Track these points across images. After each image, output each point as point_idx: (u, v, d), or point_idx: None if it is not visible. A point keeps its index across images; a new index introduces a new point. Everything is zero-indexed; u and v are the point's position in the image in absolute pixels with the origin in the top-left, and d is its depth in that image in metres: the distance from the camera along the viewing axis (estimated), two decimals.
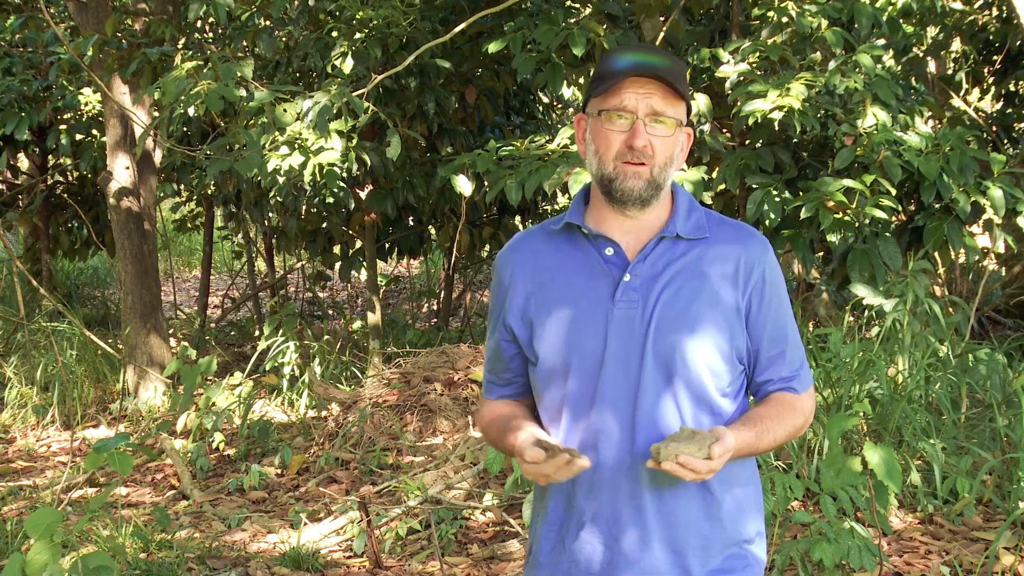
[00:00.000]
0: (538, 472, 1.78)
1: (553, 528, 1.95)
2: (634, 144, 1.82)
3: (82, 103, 8.74)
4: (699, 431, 1.77)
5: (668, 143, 1.85)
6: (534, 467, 1.78)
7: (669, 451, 1.72)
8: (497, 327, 2.01)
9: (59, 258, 10.13)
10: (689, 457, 1.72)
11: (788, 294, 2.01)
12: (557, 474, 1.77)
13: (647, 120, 1.83)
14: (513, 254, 2.00)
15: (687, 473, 1.73)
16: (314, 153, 5.74)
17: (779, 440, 1.92)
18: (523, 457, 1.80)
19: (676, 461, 1.72)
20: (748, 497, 1.95)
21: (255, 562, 4.31)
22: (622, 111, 1.83)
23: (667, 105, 1.83)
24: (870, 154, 4.97)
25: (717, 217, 1.96)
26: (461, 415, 5.91)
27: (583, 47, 5.34)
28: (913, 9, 6.39)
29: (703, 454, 1.73)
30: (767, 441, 1.89)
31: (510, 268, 1.99)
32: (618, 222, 1.91)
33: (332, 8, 6.66)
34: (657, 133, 1.84)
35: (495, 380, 2.06)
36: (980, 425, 4.84)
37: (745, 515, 1.93)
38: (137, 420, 6.75)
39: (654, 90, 1.82)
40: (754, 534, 1.95)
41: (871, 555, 3.41)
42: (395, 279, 10.82)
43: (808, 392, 1.98)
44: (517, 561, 4.20)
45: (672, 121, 1.84)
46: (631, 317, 1.86)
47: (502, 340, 2.00)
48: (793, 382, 1.95)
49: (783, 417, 1.92)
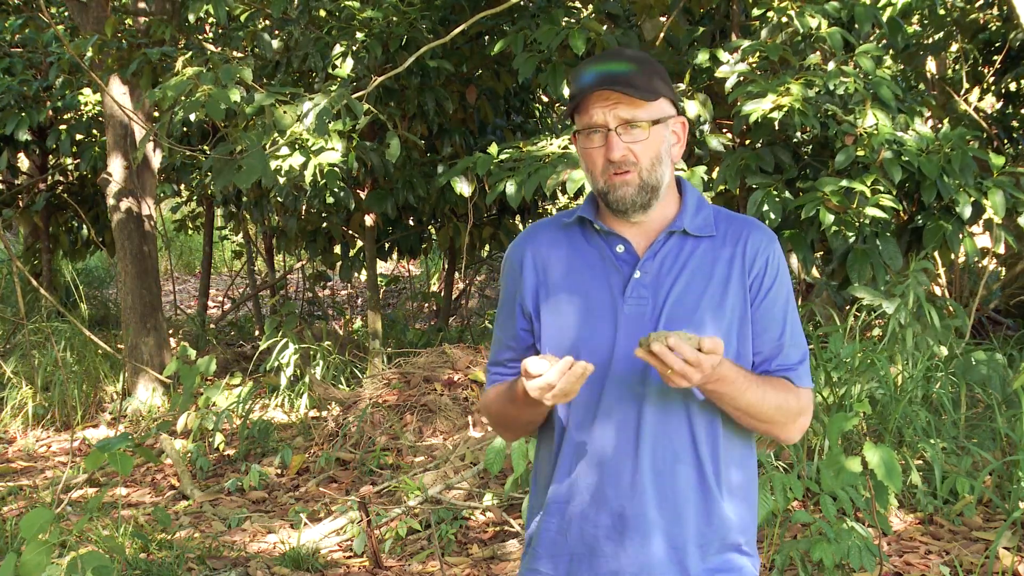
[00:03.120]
0: (544, 384, 1.75)
1: (553, 520, 1.95)
2: (611, 157, 1.85)
3: (82, 103, 8.74)
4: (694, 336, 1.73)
5: (649, 144, 1.86)
6: (540, 381, 1.75)
7: (659, 335, 1.69)
8: (514, 315, 2.00)
9: (59, 258, 10.13)
10: (679, 341, 1.68)
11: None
12: (563, 382, 1.74)
13: (620, 129, 1.84)
14: (526, 245, 2.01)
15: (674, 360, 1.68)
16: (315, 153, 5.75)
17: (767, 404, 1.86)
18: (527, 373, 1.77)
19: (666, 343, 1.68)
20: (746, 502, 1.95)
21: (255, 562, 4.31)
22: (594, 127, 1.85)
23: (636, 109, 1.84)
24: (870, 154, 4.97)
25: (725, 213, 1.96)
26: (461, 415, 5.91)
27: (584, 47, 5.34)
28: (913, 9, 6.39)
29: (693, 343, 1.69)
30: (755, 394, 1.83)
31: (520, 256, 2.00)
32: (626, 224, 1.93)
33: (332, 8, 6.66)
34: (634, 138, 1.85)
35: (503, 371, 2.04)
36: (980, 425, 4.84)
37: (741, 519, 1.93)
38: (137, 420, 6.76)
39: (619, 99, 1.84)
40: (751, 539, 1.96)
41: (871, 555, 3.41)
42: (395, 279, 10.83)
43: (806, 389, 1.95)
44: (517, 561, 4.20)
45: (646, 123, 1.85)
46: (641, 314, 1.87)
47: (520, 329, 1.99)
48: (790, 373, 1.92)
49: (778, 387, 1.88)
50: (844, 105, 5.19)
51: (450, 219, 7.69)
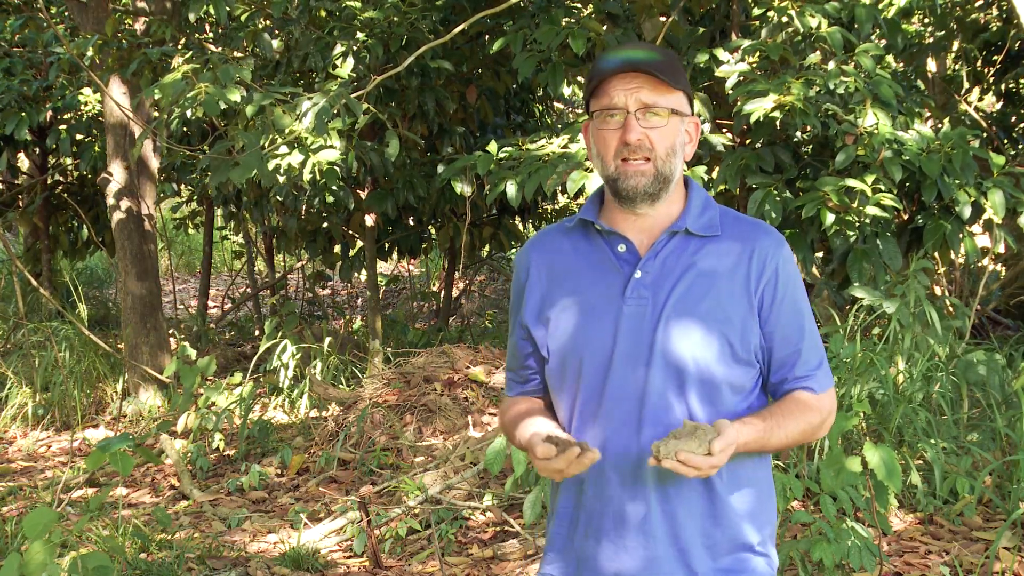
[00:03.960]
0: (550, 468, 1.77)
1: (563, 524, 1.96)
2: (628, 139, 1.82)
3: (82, 103, 8.74)
4: (701, 425, 1.74)
5: (666, 133, 1.84)
6: (546, 463, 1.77)
7: (669, 448, 1.70)
8: (515, 326, 2.02)
9: (59, 258, 10.13)
10: (689, 454, 1.69)
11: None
12: (569, 469, 1.75)
13: (639, 114, 1.82)
14: (531, 253, 2.01)
15: (688, 470, 1.70)
16: (313, 152, 5.74)
17: (792, 437, 1.87)
18: (534, 453, 1.79)
19: (676, 459, 1.70)
20: (759, 499, 1.92)
21: (255, 562, 4.31)
22: (613, 108, 1.83)
23: (658, 95, 1.83)
24: (871, 153, 4.97)
25: (733, 214, 1.94)
26: (461, 415, 5.90)
27: (583, 46, 5.34)
28: (913, 9, 6.39)
29: (703, 450, 1.70)
30: (778, 438, 1.85)
31: (526, 266, 2.00)
32: (630, 220, 1.90)
33: (332, 8, 6.66)
34: (652, 124, 1.83)
35: (515, 377, 2.07)
36: (980, 425, 4.84)
37: (754, 517, 1.91)
38: (137, 420, 6.76)
39: (642, 83, 1.82)
40: (765, 538, 1.93)
41: (871, 555, 3.41)
42: (395, 279, 10.83)
43: (828, 393, 1.94)
44: (517, 561, 4.20)
45: (665, 110, 1.83)
46: (641, 314, 1.85)
47: (519, 339, 2.01)
48: (809, 381, 1.91)
49: (796, 414, 1.88)
50: (844, 105, 5.19)
51: (450, 219, 7.69)
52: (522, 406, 2.03)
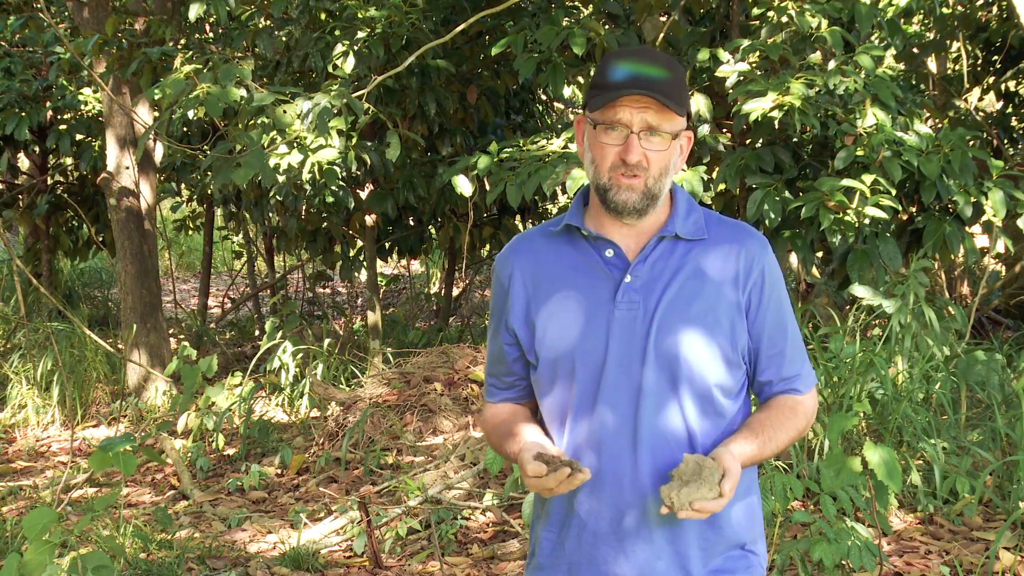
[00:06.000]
0: (540, 485, 1.78)
1: (553, 530, 1.96)
2: (628, 159, 1.82)
3: (82, 103, 8.74)
4: (703, 461, 1.76)
5: (663, 155, 1.84)
6: (536, 481, 1.78)
7: (682, 499, 1.73)
8: (500, 331, 2.00)
9: (59, 258, 10.13)
10: (703, 502, 1.73)
11: (788, 294, 2.01)
12: (559, 487, 1.77)
13: (642, 134, 1.82)
14: (512, 257, 1.99)
15: (701, 513, 1.74)
16: (312, 151, 5.74)
17: (782, 445, 1.92)
18: (524, 471, 1.80)
19: (692, 508, 1.73)
20: (750, 502, 1.96)
21: (255, 562, 4.31)
22: (617, 124, 1.83)
23: (663, 120, 1.82)
24: (870, 154, 4.97)
25: (716, 217, 1.96)
26: (461, 415, 5.91)
27: (583, 47, 5.35)
28: (913, 9, 6.39)
29: (714, 494, 1.73)
30: (770, 449, 1.89)
31: (510, 271, 1.98)
32: (616, 226, 1.91)
33: (333, 8, 6.66)
34: (652, 147, 1.83)
35: (497, 383, 2.06)
36: (980, 425, 4.84)
37: (747, 519, 1.94)
38: (137, 420, 6.76)
39: (650, 104, 1.81)
40: (756, 536, 1.97)
41: (871, 555, 3.41)
42: (395, 279, 10.82)
43: (811, 392, 1.99)
44: (517, 561, 4.20)
45: (667, 135, 1.83)
46: (632, 318, 1.86)
47: (505, 344, 2.00)
48: (795, 382, 1.95)
49: (785, 422, 1.92)
50: (844, 105, 5.19)
51: (450, 219, 7.69)
52: (506, 414, 2.03)
